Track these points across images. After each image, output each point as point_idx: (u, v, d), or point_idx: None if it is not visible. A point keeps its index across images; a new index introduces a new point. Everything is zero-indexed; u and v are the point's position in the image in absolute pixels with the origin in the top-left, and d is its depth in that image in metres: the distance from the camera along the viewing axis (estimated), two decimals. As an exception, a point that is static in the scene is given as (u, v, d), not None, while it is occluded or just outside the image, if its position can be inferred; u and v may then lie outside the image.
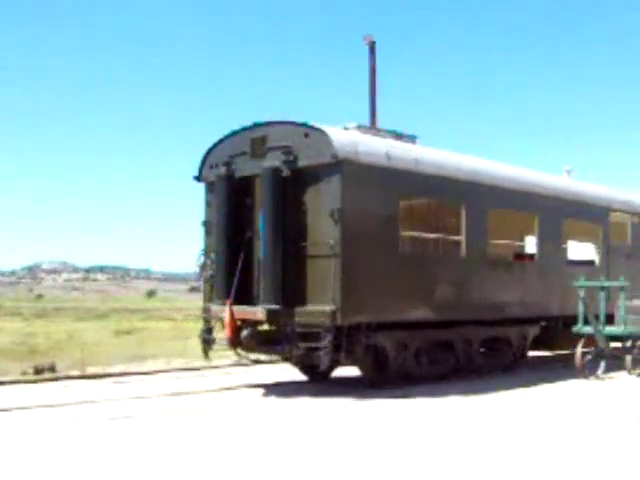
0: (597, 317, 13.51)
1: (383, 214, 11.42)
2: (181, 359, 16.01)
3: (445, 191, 12.73)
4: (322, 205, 10.84)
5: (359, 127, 12.05)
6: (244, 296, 11.58)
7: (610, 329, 13.69)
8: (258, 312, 11.03)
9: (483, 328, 13.24)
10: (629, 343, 13.77)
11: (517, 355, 14.10)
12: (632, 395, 11.38)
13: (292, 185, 11.13)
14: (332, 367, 12.54)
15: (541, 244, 14.66)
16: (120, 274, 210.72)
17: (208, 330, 12.34)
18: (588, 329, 13.62)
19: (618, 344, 13.97)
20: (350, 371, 12.59)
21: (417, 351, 12.02)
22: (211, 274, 12.29)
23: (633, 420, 8.95)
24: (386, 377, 11.70)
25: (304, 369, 12.82)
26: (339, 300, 10.51)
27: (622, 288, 13.74)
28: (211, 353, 12.36)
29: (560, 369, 14.42)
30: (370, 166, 11.13)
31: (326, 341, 10.40)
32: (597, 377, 13.28)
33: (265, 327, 11.67)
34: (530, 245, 15.90)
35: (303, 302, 10.94)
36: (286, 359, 11.92)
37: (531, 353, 15.09)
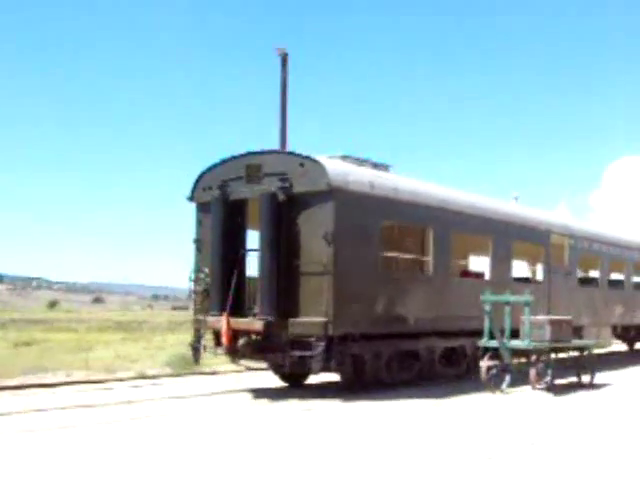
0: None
1: (367, 237, 13.14)
2: (84, 371, 15.97)
3: (417, 216, 14.62)
4: (316, 228, 12.42)
5: (343, 157, 13.74)
6: (237, 309, 13.07)
7: (514, 343, 14.19)
8: (256, 323, 12.49)
9: (444, 339, 15.15)
10: (533, 357, 14.46)
11: (471, 364, 15.94)
12: (514, 413, 11.47)
13: (287, 209, 12.67)
14: (307, 375, 14.22)
15: (494, 263, 16.75)
16: (21, 284, 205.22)
17: (198, 339, 13.78)
18: (494, 343, 14.16)
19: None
20: (321, 378, 14.25)
21: (389, 359, 13.79)
22: (204, 288, 13.69)
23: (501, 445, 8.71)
24: (363, 382, 13.31)
25: (283, 376, 14.35)
26: (331, 313, 12.13)
27: (527, 303, 14.24)
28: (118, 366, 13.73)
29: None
30: (357, 194, 12.88)
31: (319, 349, 11.99)
32: (502, 391, 13.73)
33: (257, 337, 13.13)
34: (477, 264, 17.95)
35: (296, 314, 12.49)
36: (279, 366, 13.36)
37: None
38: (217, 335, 13.59)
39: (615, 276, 24.09)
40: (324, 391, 13.39)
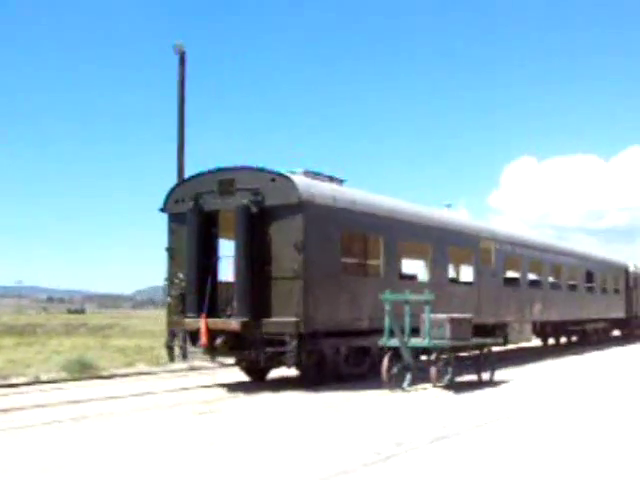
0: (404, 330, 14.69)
1: (330, 245, 15.10)
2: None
3: (370, 225, 16.66)
4: (287, 237, 14.24)
5: (305, 172, 15.50)
6: (211, 311, 14.77)
7: (415, 341, 14.68)
8: (233, 323, 14.23)
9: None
10: (433, 356, 14.80)
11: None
12: (411, 410, 11.84)
13: (259, 220, 14.45)
14: (268, 370, 16.05)
15: (433, 267, 19.01)
16: None
17: (172, 339, 15.49)
18: (394, 342, 14.61)
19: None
20: (278, 373, 16.14)
21: (346, 355, 15.75)
22: (180, 292, 15.29)
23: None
24: (324, 376, 15.16)
25: (248, 372, 16.16)
26: (302, 313, 14.02)
27: (427, 302, 14.68)
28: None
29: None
30: (323, 206, 14.83)
31: (292, 345, 13.85)
32: (403, 389, 14.15)
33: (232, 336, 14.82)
34: (408, 267, 19.98)
35: (269, 315, 14.31)
36: (250, 362, 15.07)
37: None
38: (192, 335, 15.23)
39: (533, 277, 26.64)
40: (286, 385, 14.95)
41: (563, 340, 30.59)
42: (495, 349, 21.99)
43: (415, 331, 14.87)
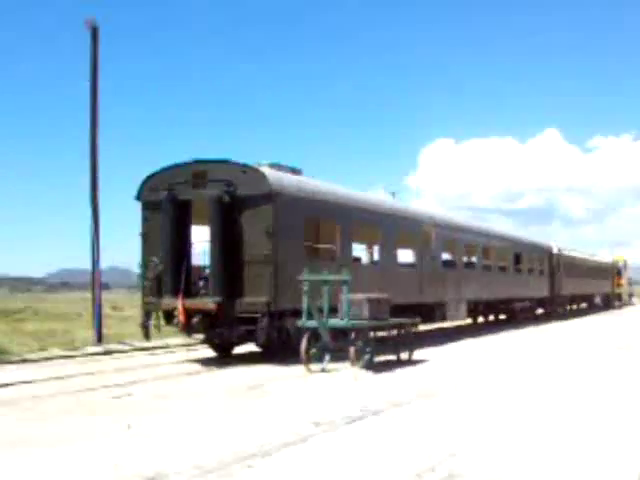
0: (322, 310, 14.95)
1: (296, 231, 16.84)
2: None
3: (329, 212, 18.52)
4: (257, 224, 15.88)
5: (270, 165, 17.13)
6: (186, 292, 16.23)
7: (333, 322, 14.90)
8: (209, 303, 15.74)
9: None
10: (352, 335, 14.98)
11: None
12: (328, 390, 12.03)
13: (231, 209, 16.02)
14: (233, 346, 17.65)
15: (382, 251, 21.10)
16: None
17: (148, 319, 16.84)
18: (313, 323, 14.83)
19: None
20: (244, 349, 17.51)
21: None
22: (155, 274, 16.69)
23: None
24: (287, 351, 16.35)
25: (216, 348, 17.57)
26: (272, 293, 15.68)
27: (345, 282, 14.95)
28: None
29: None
30: (289, 196, 16.57)
31: (264, 323, 15.54)
32: (322, 370, 14.40)
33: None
34: (357, 252, 21.72)
35: (241, 295, 15.90)
36: (223, 339, 16.63)
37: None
38: (168, 315, 16.73)
39: (468, 259, 28.94)
40: (253, 359, 16.33)
41: (491, 318, 32.91)
42: (423, 328, 24.30)
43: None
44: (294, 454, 7.34)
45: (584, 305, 51.55)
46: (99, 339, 20.95)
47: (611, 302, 58.31)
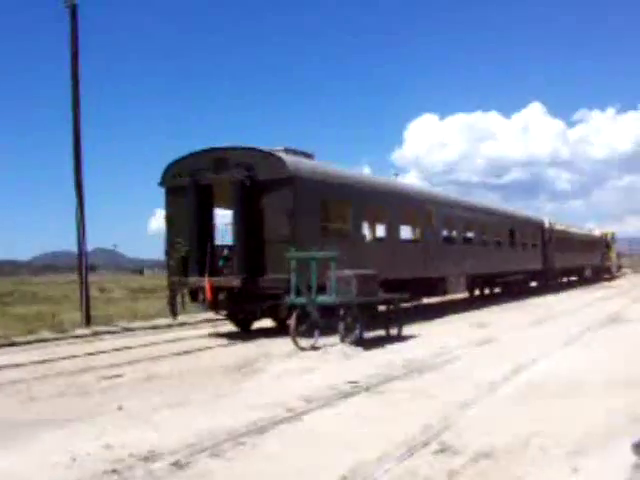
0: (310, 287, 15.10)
1: (313, 212, 17.96)
2: None
3: (342, 194, 19.69)
4: (278, 206, 16.99)
5: (285, 150, 18.19)
6: (211, 271, 17.38)
7: (322, 298, 14.98)
8: (234, 281, 16.79)
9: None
10: (341, 312, 14.96)
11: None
12: (318, 365, 12.15)
13: (252, 192, 17.13)
14: (253, 322, 18.79)
15: (389, 228, 22.18)
16: None
17: (174, 297, 17.99)
18: (301, 300, 14.92)
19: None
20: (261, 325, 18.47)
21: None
22: (182, 255, 17.86)
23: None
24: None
25: (237, 323, 18.62)
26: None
27: (332, 259, 15.17)
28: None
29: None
30: (306, 179, 17.71)
31: (286, 299, 16.49)
32: (312, 347, 14.33)
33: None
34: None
35: (263, 273, 16.97)
36: (247, 314, 17.78)
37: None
38: (193, 292, 17.88)
39: (466, 235, 29.73)
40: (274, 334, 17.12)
41: (487, 292, 33.66)
42: (426, 301, 25.78)
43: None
44: (287, 431, 7.47)
45: (574, 278, 52.63)
46: (87, 321, 21.13)
47: (600, 274, 59.79)
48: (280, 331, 16.87)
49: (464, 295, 31.11)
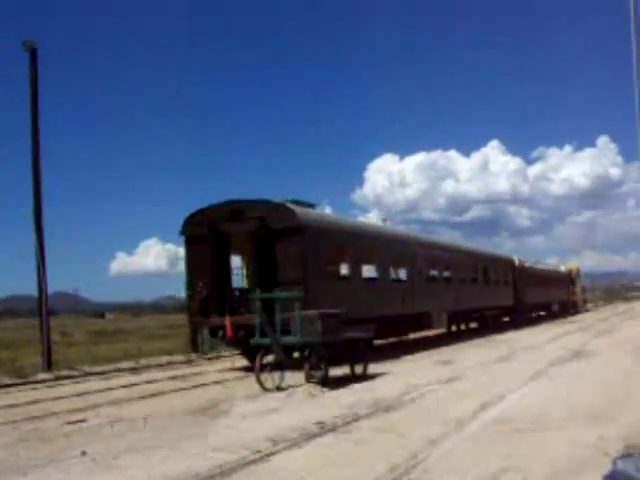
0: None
1: (319, 256, 19.45)
2: None
3: (341, 240, 21.28)
4: (289, 252, 18.41)
5: (292, 201, 19.71)
6: (230, 311, 18.70)
7: (286, 339, 14.83)
8: (253, 319, 17.13)
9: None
10: (306, 352, 14.84)
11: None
12: (281, 407, 12.00)
13: (266, 240, 18.61)
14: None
15: (380, 269, 23.88)
16: None
17: (196, 334, 19.36)
18: (265, 340, 14.77)
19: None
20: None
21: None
22: (203, 297, 19.13)
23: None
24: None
25: (250, 358, 18.98)
26: (304, 308, 17.22)
27: (297, 299, 15.08)
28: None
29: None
30: (314, 227, 19.23)
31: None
32: (277, 387, 14.07)
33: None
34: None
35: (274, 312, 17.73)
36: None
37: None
38: (213, 330, 18.99)
39: (446, 273, 31.76)
40: None
41: (463, 327, 35.34)
42: (413, 336, 27.32)
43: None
44: (255, 472, 7.33)
45: (543, 313, 53.45)
46: (49, 366, 20.53)
47: (567, 308, 60.51)
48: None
49: (442, 330, 32.20)
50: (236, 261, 20.78)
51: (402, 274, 27.04)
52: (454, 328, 33.82)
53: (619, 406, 10.68)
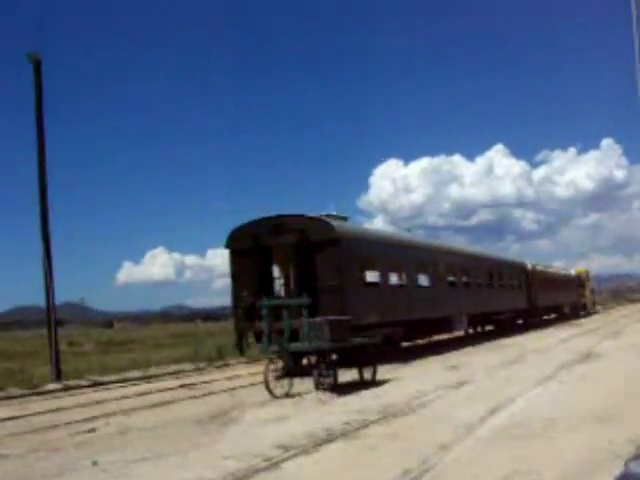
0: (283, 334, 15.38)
1: (354, 265, 21.09)
2: None
3: (373, 249, 22.96)
4: (328, 262, 19.94)
5: (327, 215, 21.59)
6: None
7: (295, 345, 14.73)
8: (295, 323, 17.59)
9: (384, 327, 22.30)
10: (314, 359, 14.73)
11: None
12: (292, 414, 11.92)
13: (306, 251, 20.13)
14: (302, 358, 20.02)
15: (407, 276, 25.52)
16: None
17: (241, 338, 20.97)
18: (274, 347, 14.61)
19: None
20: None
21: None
22: (247, 305, 20.14)
23: None
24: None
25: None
26: (343, 313, 18.47)
27: (305, 306, 15.00)
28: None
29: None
30: (349, 239, 20.80)
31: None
32: (287, 394, 13.88)
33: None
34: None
35: (318, 315, 18.29)
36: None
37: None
38: (258, 335, 20.15)
39: (465, 279, 33.16)
40: None
41: (479, 329, 37.12)
42: (437, 337, 29.49)
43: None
44: (265, 478, 7.24)
45: (554, 315, 54.48)
46: (58, 376, 20.22)
47: (577, 311, 60.79)
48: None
49: (461, 333, 33.73)
50: (275, 271, 22.20)
51: (426, 280, 28.30)
52: (471, 331, 35.01)
53: (628, 408, 10.51)
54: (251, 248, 20.88)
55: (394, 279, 25.68)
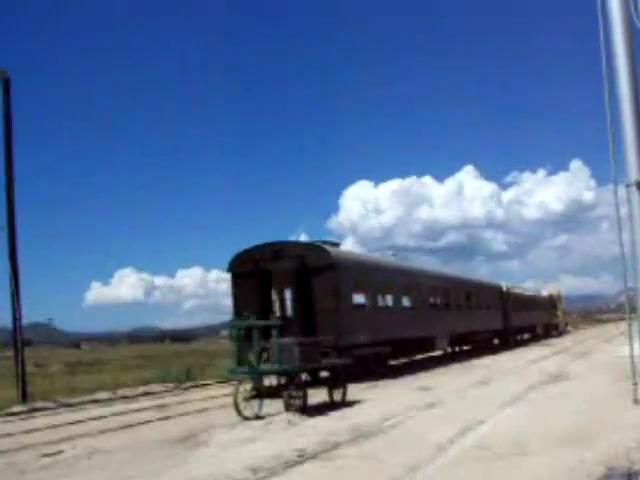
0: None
1: (348, 288, 22.69)
2: None
3: (364, 274, 24.50)
4: (325, 286, 21.51)
5: (322, 241, 23.16)
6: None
7: (264, 367, 14.61)
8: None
9: (372, 347, 24.27)
10: (284, 380, 14.61)
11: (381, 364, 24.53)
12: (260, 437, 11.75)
13: (304, 275, 21.70)
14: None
15: (394, 298, 27.43)
16: None
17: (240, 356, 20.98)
18: (243, 369, 14.32)
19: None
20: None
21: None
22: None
23: None
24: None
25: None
26: (337, 334, 20.79)
27: (275, 327, 15.05)
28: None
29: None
30: (344, 264, 22.45)
31: (332, 355, 19.22)
32: (256, 416, 13.80)
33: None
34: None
35: (315, 335, 20.09)
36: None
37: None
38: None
39: (446, 300, 34.81)
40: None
41: (457, 349, 37.96)
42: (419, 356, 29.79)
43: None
44: None
45: (528, 335, 55.99)
46: (24, 398, 19.86)
47: (550, 331, 62.36)
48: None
49: (442, 352, 35.04)
50: (273, 294, 23.67)
51: (410, 302, 29.86)
52: (449, 350, 36.17)
53: (597, 429, 10.52)
54: (252, 272, 22.42)
55: (382, 301, 27.22)
